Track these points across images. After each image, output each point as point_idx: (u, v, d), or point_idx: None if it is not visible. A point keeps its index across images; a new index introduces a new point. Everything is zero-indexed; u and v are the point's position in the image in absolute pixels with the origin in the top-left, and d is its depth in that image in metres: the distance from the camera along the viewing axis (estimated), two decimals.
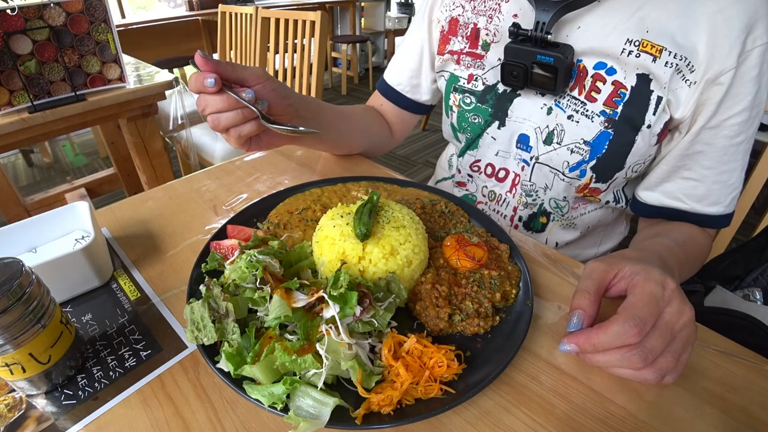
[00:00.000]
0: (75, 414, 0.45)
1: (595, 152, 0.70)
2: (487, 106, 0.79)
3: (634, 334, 0.41)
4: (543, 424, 0.43)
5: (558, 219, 0.83)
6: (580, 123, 0.70)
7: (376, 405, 0.42)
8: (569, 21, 0.68)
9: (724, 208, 0.69)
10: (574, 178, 0.74)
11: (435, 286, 0.53)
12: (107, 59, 1.42)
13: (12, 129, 1.28)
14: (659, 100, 0.64)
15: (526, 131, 0.77)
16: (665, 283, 0.45)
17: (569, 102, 0.70)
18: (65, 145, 3.43)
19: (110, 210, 0.77)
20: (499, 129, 0.80)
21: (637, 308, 0.43)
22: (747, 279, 0.83)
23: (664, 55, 0.62)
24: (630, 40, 0.64)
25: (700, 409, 0.45)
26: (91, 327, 0.54)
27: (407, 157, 3.33)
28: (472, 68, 0.80)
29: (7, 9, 1.18)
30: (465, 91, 0.81)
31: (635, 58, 0.64)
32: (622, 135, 0.67)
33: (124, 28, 3.70)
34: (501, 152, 0.82)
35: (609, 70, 0.66)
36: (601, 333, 0.43)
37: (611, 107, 0.67)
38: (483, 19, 0.77)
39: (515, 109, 0.77)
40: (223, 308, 0.47)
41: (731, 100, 0.62)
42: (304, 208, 0.71)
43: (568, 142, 0.72)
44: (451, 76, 0.83)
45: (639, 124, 0.66)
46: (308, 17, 2.05)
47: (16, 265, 0.42)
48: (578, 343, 0.44)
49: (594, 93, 0.68)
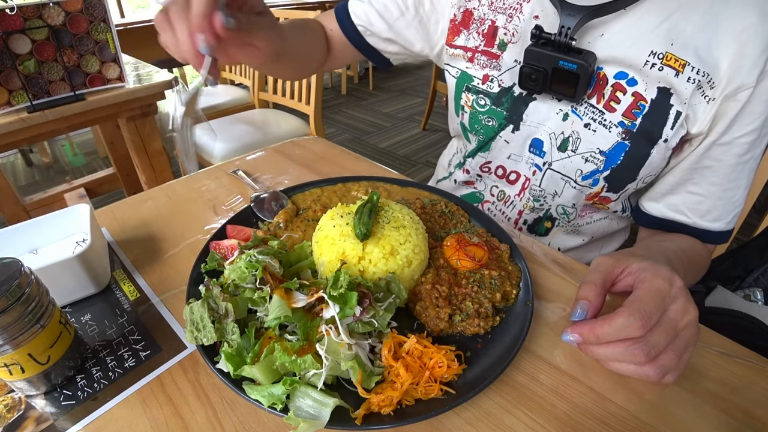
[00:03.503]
0: (74, 414, 0.45)
1: (610, 163, 0.69)
2: (502, 109, 0.77)
3: (639, 327, 0.41)
4: (543, 424, 0.43)
5: (563, 225, 0.82)
6: (597, 132, 0.69)
7: (376, 405, 0.42)
8: (593, 27, 0.66)
9: (725, 225, 0.69)
10: (586, 186, 0.73)
11: (435, 287, 0.53)
12: (106, 59, 1.42)
13: (11, 129, 1.28)
14: (678, 115, 0.63)
15: (540, 136, 0.76)
16: (672, 281, 0.45)
17: (587, 110, 0.69)
18: (64, 145, 3.42)
19: (109, 210, 0.76)
20: (513, 132, 0.78)
21: (643, 302, 0.42)
22: (748, 279, 0.83)
23: (687, 70, 0.61)
24: (654, 52, 0.63)
25: (700, 409, 0.44)
26: (90, 327, 0.54)
27: (407, 157, 3.33)
28: (488, 68, 0.77)
29: (6, 8, 1.18)
30: (479, 92, 0.79)
31: (658, 71, 0.63)
32: (639, 147, 0.67)
33: (124, 27, 3.68)
34: (513, 155, 0.81)
35: (630, 81, 0.65)
36: (605, 324, 0.42)
37: (630, 119, 0.66)
38: (502, 17, 0.75)
39: (530, 113, 0.75)
40: (223, 308, 0.47)
41: (745, 119, 0.61)
42: (304, 208, 0.71)
43: (584, 150, 0.71)
44: (463, 74, 0.80)
45: (656, 137, 0.65)
46: (308, 17, 2.04)
47: (15, 266, 0.42)
48: (581, 332, 0.44)
49: (613, 103, 0.67)
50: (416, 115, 4.06)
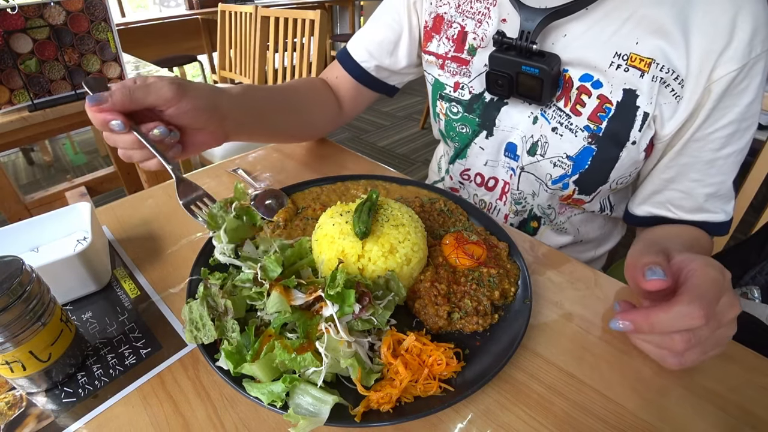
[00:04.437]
0: (75, 412, 0.45)
1: (578, 167, 0.68)
2: (474, 115, 0.77)
3: (701, 316, 0.38)
4: (542, 421, 0.43)
5: (548, 224, 0.83)
6: (563, 137, 0.68)
7: (376, 403, 0.42)
8: (555, 28, 0.65)
9: (719, 217, 0.68)
10: (557, 189, 0.73)
11: (434, 284, 0.53)
12: (107, 58, 1.43)
13: (12, 127, 1.29)
14: (645, 116, 0.62)
15: (513, 140, 0.75)
16: (724, 272, 0.42)
17: (554, 113, 0.68)
18: (65, 144, 3.43)
19: (110, 209, 0.77)
20: (487, 138, 0.78)
21: (702, 289, 0.39)
22: (745, 277, 0.83)
23: (653, 68, 0.60)
24: (618, 53, 0.61)
25: (698, 407, 0.45)
26: (91, 325, 0.54)
27: (406, 156, 3.33)
28: (458, 75, 0.77)
29: (8, 8, 1.18)
30: (452, 99, 0.78)
31: (623, 73, 0.61)
32: (606, 151, 0.65)
33: (124, 26, 3.70)
34: (490, 162, 0.80)
35: (595, 84, 0.64)
36: (662, 312, 0.39)
37: (595, 122, 0.64)
38: (471, 22, 0.74)
39: (503, 118, 0.75)
40: (222, 306, 0.47)
41: (719, 112, 0.60)
42: (303, 206, 0.71)
43: (552, 155, 0.70)
44: (436, 81, 0.80)
45: (624, 140, 0.64)
46: (308, 16, 2.05)
47: (16, 263, 0.42)
48: (634, 320, 0.41)
49: (579, 106, 0.66)
50: (415, 114, 4.06)
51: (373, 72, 0.89)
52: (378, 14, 0.87)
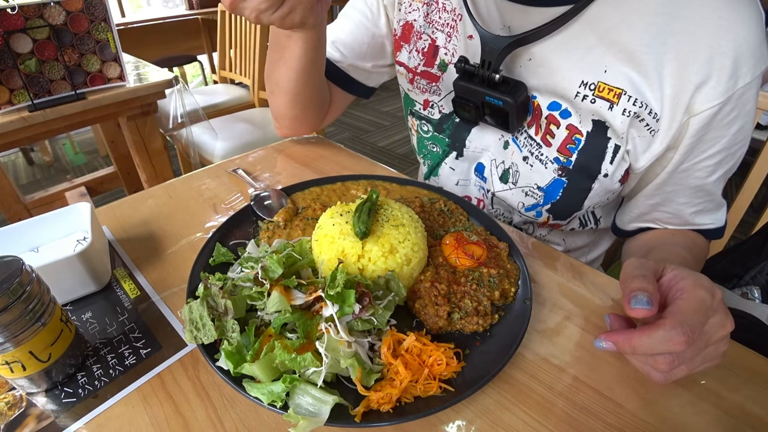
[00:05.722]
0: (75, 412, 0.45)
1: (549, 198, 0.66)
2: (444, 135, 0.75)
3: (681, 342, 0.37)
4: (542, 421, 0.43)
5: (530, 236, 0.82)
6: (534, 167, 0.66)
7: (376, 403, 0.42)
8: (520, 52, 0.62)
9: (708, 226, 0.67)
10: (531, 216, 0.71)
11: (434, 285, 0.53)
12: (107, 58, 1.43)
13: (12, 128, 1.29)
14: (617, 149, 0.58)
15: (483, 161, 0.73)
16: (714, 291, 0.41)
17: (526, 141, 0.66)
18: (65, 144, 3.43)
19: (110, 209, 0.77)
20: (457, 159, 0.76)
21: (686, 314, 0.39)
22: (745, 277, 0.83)
23: (623, 100, 0.55)
24: (585, 82, 0.57)
25: (699, 406, 0.45)
26: (91, 325, 0.54)
27: (406, 156, 3.33)
28: (428, 93, 0.74)
29: (8, 8, 1.18)
30: (422, 117, 0.76)
31: (590, 104, 0.58)
32: (577, 183, 0.63)
33: (124, 26, 3.69)
34: (461, 181, 0.79)
35: (563, 113, 0.60)
36: (644, 336, 0.39)
37: (565, 155, 0.61)
38: (442, 35, 0.70)
39: (473, 139, 0.73)
40: (222, 306, 0.47)
41: (705, 144, 0.57)
42: (303, 206, 0.71)
43: (523, 184, 0.68)
44: (406, 96, 0.78)
45: (595, 173, 0.62)
46: None
47: (16, 264, 0.42)
48: (617, 342, 0.41)
49: (549, 137, 0.63)
50: None
51: (349, 71, 0.86)
52: (348, 9, 0.84)
